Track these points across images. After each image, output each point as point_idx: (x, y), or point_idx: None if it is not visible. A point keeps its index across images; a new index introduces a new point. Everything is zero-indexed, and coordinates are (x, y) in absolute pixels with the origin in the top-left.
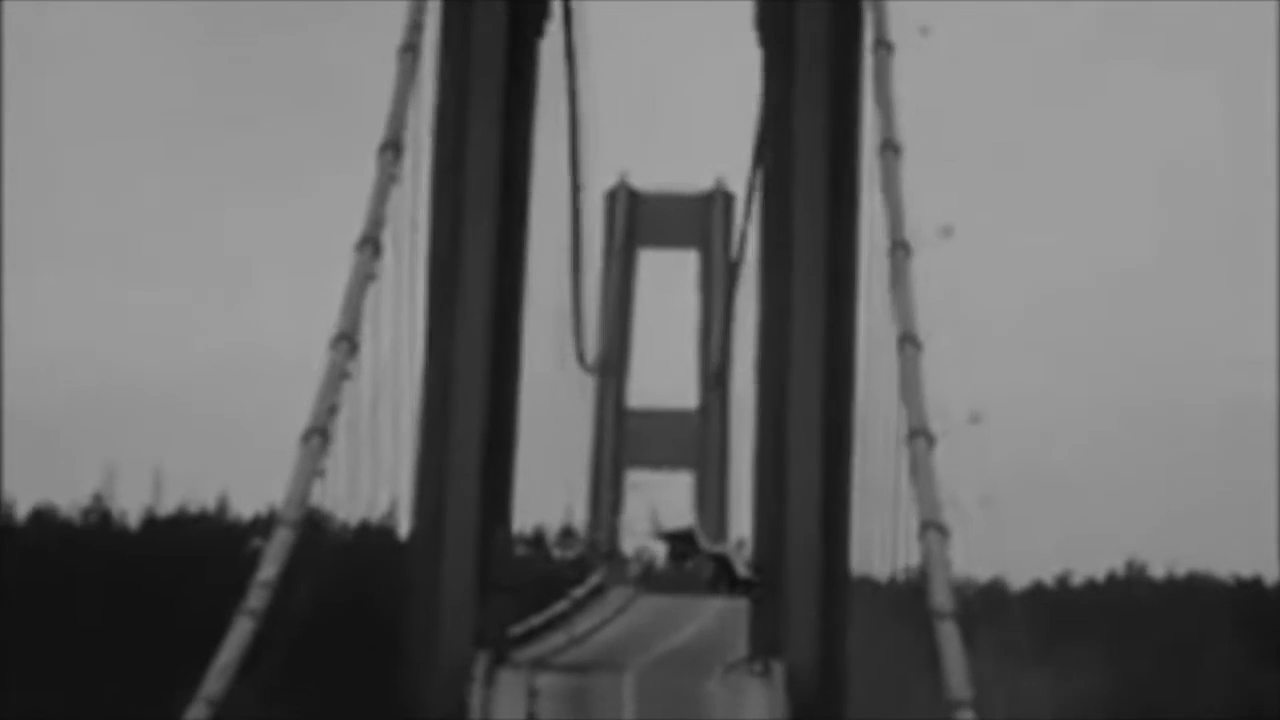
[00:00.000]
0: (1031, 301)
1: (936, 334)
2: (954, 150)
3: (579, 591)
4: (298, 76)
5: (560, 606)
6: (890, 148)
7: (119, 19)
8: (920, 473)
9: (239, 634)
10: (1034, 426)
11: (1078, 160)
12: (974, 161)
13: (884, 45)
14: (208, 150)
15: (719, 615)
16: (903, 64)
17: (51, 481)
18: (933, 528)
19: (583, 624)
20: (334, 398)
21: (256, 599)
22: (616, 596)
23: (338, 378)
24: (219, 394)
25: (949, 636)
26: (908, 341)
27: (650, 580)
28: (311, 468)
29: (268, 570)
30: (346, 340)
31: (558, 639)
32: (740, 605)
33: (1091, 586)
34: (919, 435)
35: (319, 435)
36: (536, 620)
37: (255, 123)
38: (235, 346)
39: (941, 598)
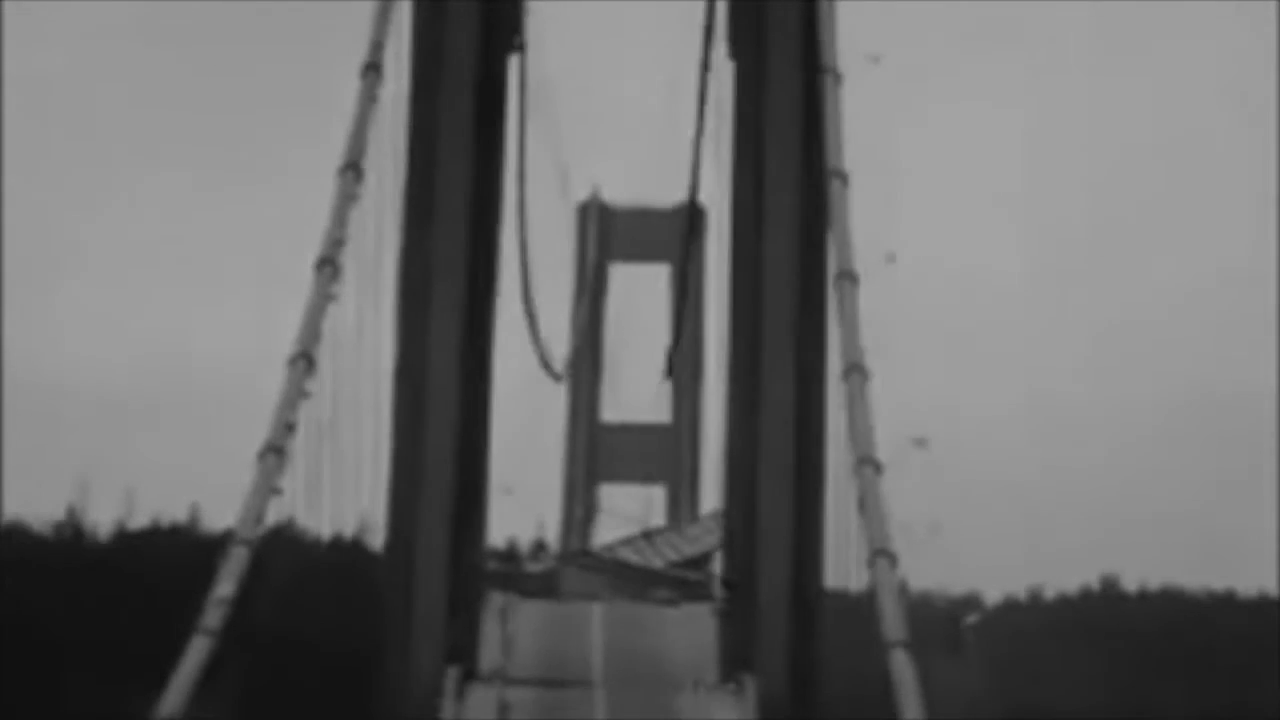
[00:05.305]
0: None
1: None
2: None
3: None
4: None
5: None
6: (837, 175)
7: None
8: (869, 501)
9: (195, 652)
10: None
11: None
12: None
13: (831, 73)
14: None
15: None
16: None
17: (17, 496)
18: (883, 555)
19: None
20: (291, 415)
21: (212, 617)
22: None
23: (295, 396)
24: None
25: (902, 665)
26: (854, 371)
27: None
28: (267, 485)
29: (223, 588)
30: (305, 358)
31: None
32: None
33: (1064, 601)
34: (867, 463)
35: (274, 453)
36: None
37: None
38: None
39: (893, 627)
